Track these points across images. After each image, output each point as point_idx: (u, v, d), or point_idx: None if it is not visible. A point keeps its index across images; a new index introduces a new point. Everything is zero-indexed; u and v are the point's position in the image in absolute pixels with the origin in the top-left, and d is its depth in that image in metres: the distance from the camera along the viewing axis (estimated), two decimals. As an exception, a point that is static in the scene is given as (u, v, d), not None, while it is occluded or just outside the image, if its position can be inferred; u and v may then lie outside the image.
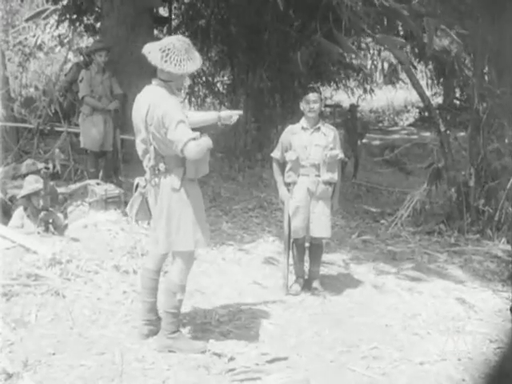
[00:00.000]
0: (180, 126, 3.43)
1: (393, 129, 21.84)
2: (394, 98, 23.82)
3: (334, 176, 4.77)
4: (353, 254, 6.33)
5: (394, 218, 7.72)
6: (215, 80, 12.84)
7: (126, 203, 6.12)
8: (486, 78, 7.04)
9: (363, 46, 12.24)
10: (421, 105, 24.81)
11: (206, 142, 3.54)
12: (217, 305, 4.53)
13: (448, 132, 7.66)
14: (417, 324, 4.49)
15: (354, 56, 11.46)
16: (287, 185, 4.93)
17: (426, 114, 21.04)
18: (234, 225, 7.01)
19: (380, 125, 22.28)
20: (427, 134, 19.78)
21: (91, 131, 7.33)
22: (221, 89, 12.82)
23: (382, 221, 8.22)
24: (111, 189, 6.30)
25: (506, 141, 7.76)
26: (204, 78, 12.82)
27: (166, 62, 3.46)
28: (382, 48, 12.86)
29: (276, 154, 4.95)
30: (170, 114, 3.43)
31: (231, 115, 3.85)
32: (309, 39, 7.71)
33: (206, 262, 5.45)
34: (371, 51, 14.44)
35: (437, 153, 7.85)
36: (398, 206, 9.26)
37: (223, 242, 6.19)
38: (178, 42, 3.53)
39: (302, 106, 4.77)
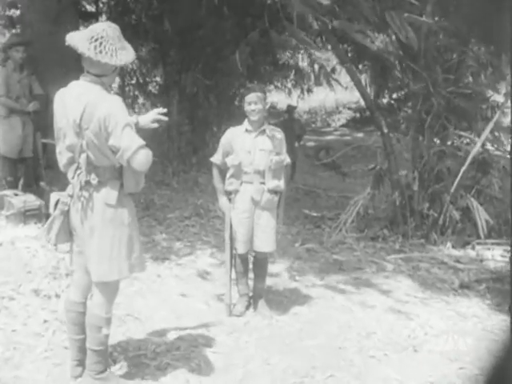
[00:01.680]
0: (127, 130, 2.89)
1: (326, 130, 21.90)
2: (325, 99, 23.93)
3: (281, 184, 4.34)
4: (297, 264, 5.95)
5: (337, 224, 7.41)
6: (146, 80, 12.25)
7: (47, 216, 5.51)
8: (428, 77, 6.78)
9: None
10: (352, 106, 25.11)
11: (151, 152, 3.05)
12: (152, 332, 4.01)
13: (391, 134, 7.40)
14: (372, 344, 4.13)
15: (289, 55, 11.15)
16: (228, 193, 4.46)
17: (367, 113, 21.19)
18: (169, 236, 6.50)
19: (313, 125, 22.32)
20: (360, 134, 19.97)
21: (8, 136, 6.58)
22: (153, 89, 12.26)
23: (324, 226, 7.93)
24: (31, 200, 5.64)
25: (449, 143, 7.60)
26: (135, 78, 12.22)
27: (100, 52, 2.90)
28: (312, 50, 12.52)
29: (216, 158, 4.47)
30: (115, 116, 2.89)
31: (152, 120, 3.18)
32: (246, 36, 7.27)
33: (139, 279, 4.91)
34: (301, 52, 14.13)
35: (380, 155, 7.59)
36: (338, 209, 9.03)
37: (158, 255, 5.67)
38: (109, 29, 2.98)
39: (245, 107, 4.31)
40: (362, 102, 23.39)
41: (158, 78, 12.27)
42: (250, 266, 4.69)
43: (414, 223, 7.30)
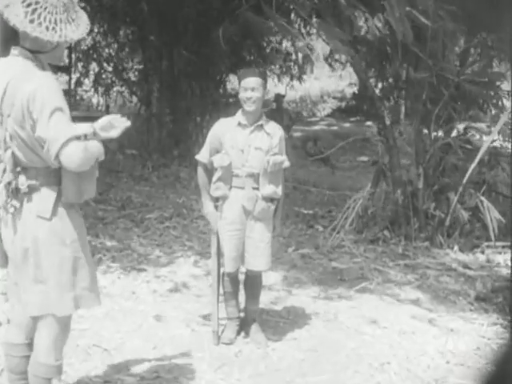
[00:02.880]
0: (56, 116, 2.19)
1: (312, 119, 21.32)
2: (310, 88, 23.36)
3: (278, 190, 3.62)
4: (292, 274, 5.27)
5: (333, 226, 6.72)
6: (125, 66, 11.44)
7: None
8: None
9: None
10: (338, 95, 24.51)
11: (96, 147, 2.31)
12: (123, 369, 3.30)
13: (392, 125, 6.71)
14: (388, 379, 3.46)
15: (280, 39, 10.44)
16: (215, 199, 3.74)
17: (351, 103, 20.67)
18: (146, 240, 5.80)
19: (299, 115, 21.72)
20: (347, 124, 19.38)
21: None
22: (131, 76, 11.46)
23: (317, 226, 7.27)
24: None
25: (454, 134, 6.95)
26: (112, 64, 11.40)
27: (31, 22, 2.21)
28: (296, 38, 11.86)
29: (202, 156, 3.71)
30: (41, 98, 2.19)
31: (110, 124, 2.40)
32: (233, 14, 6.55)
33: (111, 297, 4.21)
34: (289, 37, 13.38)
35: (381, 149, 6.90)
36: (330, 206, 8.40)
37: (133, 266, 4.95)
38: None
39: (239, 93, 3.58)
40: (347, 91, 22.88)
41: (136, 64, 11.47)
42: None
43: (418, 224, 6.64)
